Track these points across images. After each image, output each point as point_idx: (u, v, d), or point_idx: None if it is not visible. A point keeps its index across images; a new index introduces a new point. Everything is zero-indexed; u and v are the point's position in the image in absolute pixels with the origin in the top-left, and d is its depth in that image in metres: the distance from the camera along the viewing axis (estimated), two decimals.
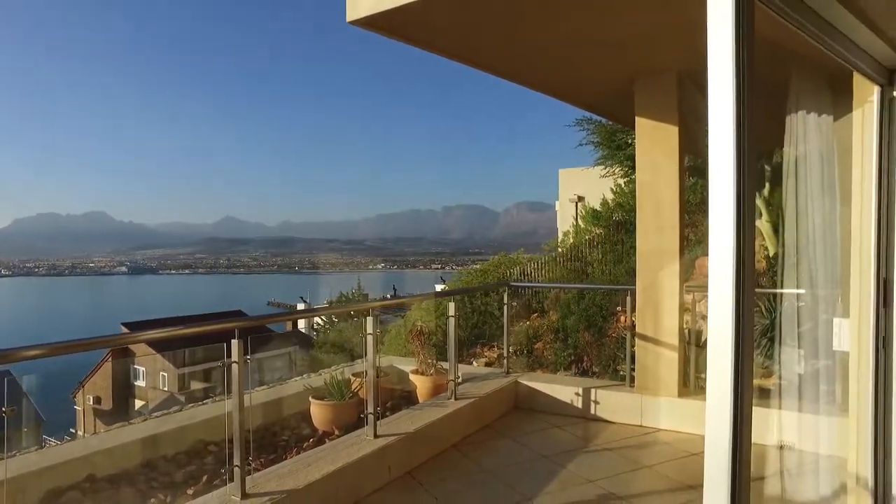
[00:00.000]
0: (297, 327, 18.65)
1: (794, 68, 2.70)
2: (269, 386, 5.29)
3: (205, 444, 4.17)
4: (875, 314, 2.50)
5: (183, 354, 22.71)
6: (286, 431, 4.48)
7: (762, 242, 9.67)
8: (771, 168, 9.36)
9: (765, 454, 3.74)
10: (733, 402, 1.42)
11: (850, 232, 2.66)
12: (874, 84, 2.47)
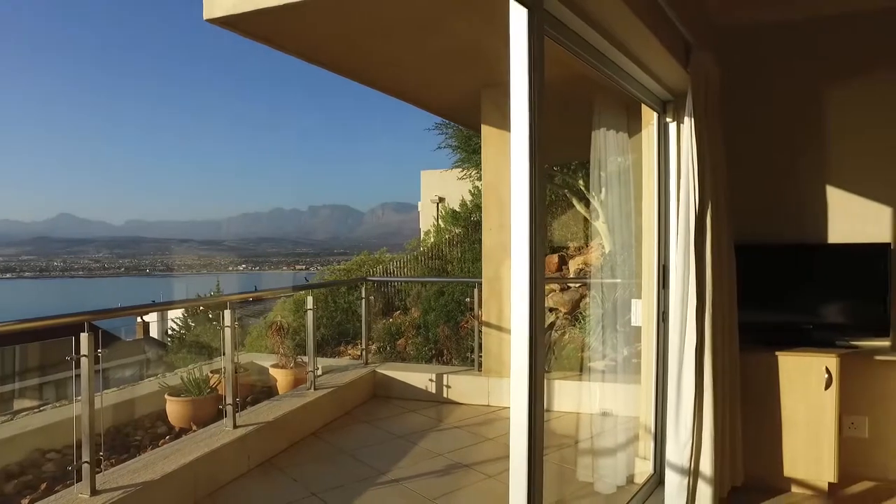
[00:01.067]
0: (148, 333, 17.36)
1: (599, 95, 3.26)
2: (120, 388, 5.08)
3: (43, 453, 3.97)
4: (657, 294, 3.12)
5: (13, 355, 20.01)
6: (140, 431, 4.37)
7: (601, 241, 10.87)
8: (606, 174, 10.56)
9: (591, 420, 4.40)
10: (529, 378, 1.79)
11: (641, 228, 3.28)
12: (654, 112, 3.08)
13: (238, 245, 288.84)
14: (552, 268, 9.33)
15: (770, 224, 3.47)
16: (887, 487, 3.24)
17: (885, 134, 3.32)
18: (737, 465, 3.08)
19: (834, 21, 3.36)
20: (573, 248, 9.52)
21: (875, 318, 3.20)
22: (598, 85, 3.07)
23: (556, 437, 4.32)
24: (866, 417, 3.33)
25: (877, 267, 3.20)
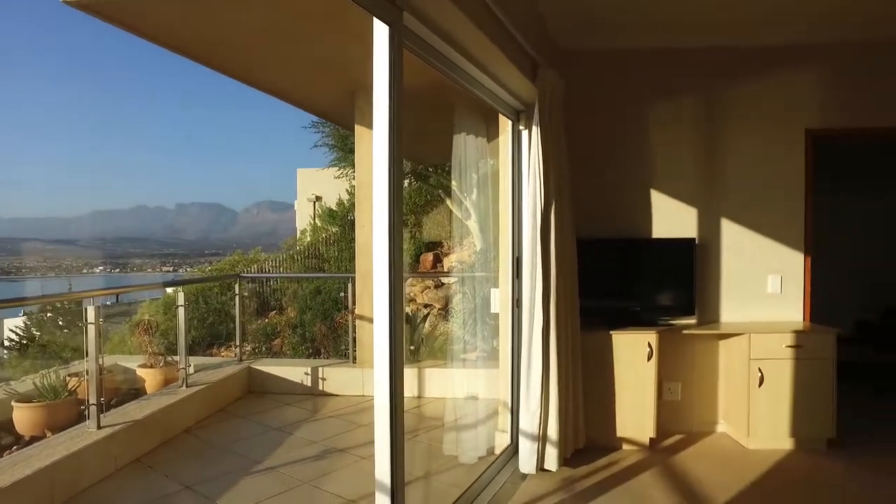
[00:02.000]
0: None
1: (460, 102, 3.59)
2: None
3: None
4: (512, 283, 3.50)
5: None
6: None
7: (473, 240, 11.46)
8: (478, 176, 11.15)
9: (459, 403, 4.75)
10: (390, 365, 2.02)
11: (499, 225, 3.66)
12: (509, 119, 3.46)
13: (94, 245, 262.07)
14: (427, 265, 9.71)
15: (608, 221, 4.01)
16: (691, 437, 3.91)
17: (687, 151, 3.99)
18: (579, 430, 3.54)
19: (653, 53, 3.97)
20: (448, 247, 9.96)
21: (685, 301, 3.84)
22: (460, 93, 3.40)
23: (426, 419, 4.63)
24: (679, 383, 3.98)
25: (686, 258, 3.83)
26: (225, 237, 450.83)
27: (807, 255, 3.97)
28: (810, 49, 3.94)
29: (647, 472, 3.35)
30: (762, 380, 3.58)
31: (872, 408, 4.62)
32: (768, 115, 3.95)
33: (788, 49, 3.95)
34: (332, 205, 13.06)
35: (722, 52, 3.97)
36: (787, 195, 3.96)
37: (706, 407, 4.02)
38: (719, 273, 3.98)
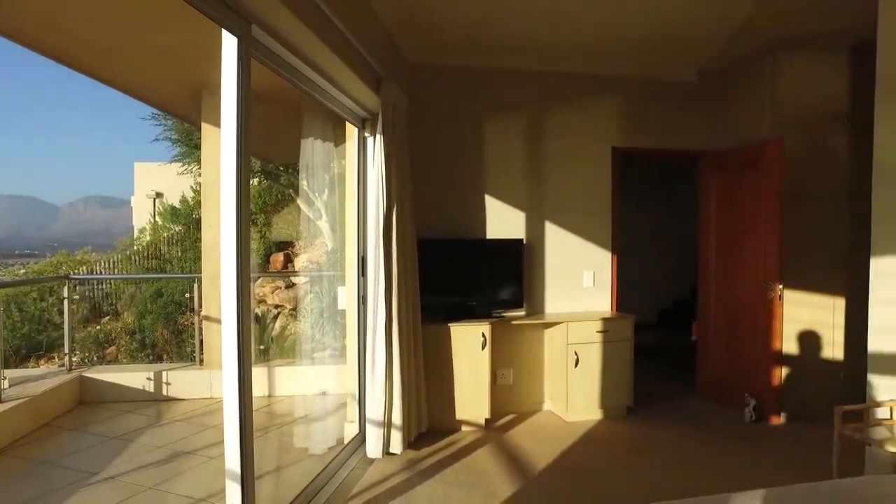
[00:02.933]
0: None
1: (308, 107, 3.73)
2: None
3: None
4: (357, 281, 3.72)
5: None
6: None
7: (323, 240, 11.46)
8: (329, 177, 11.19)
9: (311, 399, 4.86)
10: (238, 362, 2.14)
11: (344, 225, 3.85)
12: (355, 127, 3.67)
13: None
14: (278, 265, 9.57)
15: (449, 223, 4.38)
16: (522, 416, 4.42)
17: (517, 161, 4.50)
18: (422, 415, 3.86)
19: (491, 73, 4.43)
20: (299, 247, 9.90)
21: (515, 295, 4.32)
22: (308, 98, 3.54)
23: (278, 417, 4.68)
24: (511, 369, 4.47)
25: (516, 257, 4.32)
26: (43, 235, 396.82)
27: (613, 253, 4.66)
28: (614, 79, 4.64)
29: (483, 449, 3.75)
30: (577, 361, 4.16)
31: (663, 379, 5.51)
32: (583, 132, 4.58)
33: (599, 77, 4.61)
34: (175, 202, 12.29)
35: (547, 76, 4.53)
36: (598, 202, 4.63)
37: (534, 388, 4.56)
38: (544, 270, 4.53)
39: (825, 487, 1.79)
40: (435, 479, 3.27)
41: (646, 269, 8.40)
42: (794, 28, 4.00)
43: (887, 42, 2.97)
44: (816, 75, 4.26)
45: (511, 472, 3.37)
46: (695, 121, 4.79)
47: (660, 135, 4.74)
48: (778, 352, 4.16)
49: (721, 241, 4.69)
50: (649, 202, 8.48)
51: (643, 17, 3.81)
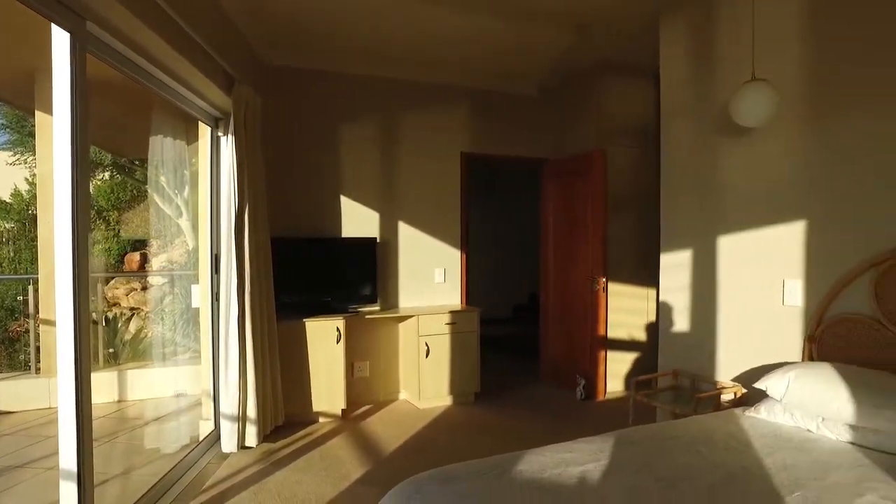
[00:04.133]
0: None
1: (157, 104, 3.69)
2: None
3: None
4: (211, 279, 3.74)
5: None
6: None
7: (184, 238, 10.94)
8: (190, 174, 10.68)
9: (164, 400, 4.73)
10: (76, 366, 2.13)
11: (198, 224, 3.84)
12: (208, 126, 3.69)
13: None
14: (134, 266, 9.02)
15: (306, 222, 4.51)
16: (378, 406, 4.65)
17: (372, 164, 4.74)
18: (278, 408, 3.95)
19: (347, 78, 4.61)
20: (157, 246, 9.39)
21: (370, 291, 4.55)
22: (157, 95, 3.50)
23: (130, 420, 4.51)
24: (368, 361, 4.69)
25: (370, 255, 4.55)
26: None
27: (463, 251, 5.05)
28: (464, 90, 5.03)
29: (338, 437, 3.93)
30: (428, 352, 4.48)
31: (512, 368, 6.03)
32: (434, 138, 4.92)
33: (449, 87, 4.97)
34: (5, 196, 11.04)
35: (400, 84, 4.80)
36: (449, 203, 4.99)
37: (390, 379, 4.82)
38: (398, 267, 4.81)
39: (611, 435, 2.20)
40: (289, 467, 3.40)
41: (503, 268, 9.03)
42: (610, 56, 4.62)
43: (667, 77, 3.59)
44: (631, 96, 4.94)
45: (364, 455, 3.59)
46: (537, 131, 5.32)
47: (506, 142, 5.21)
48: (603, 336, 4.78)
49: (558, 241, 5.26)
50: (509, 205, 9.13)
51: (486, 40, 4.22)
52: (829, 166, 2.70)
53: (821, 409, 2.26)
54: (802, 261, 2.82)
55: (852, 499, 1.67)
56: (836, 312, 2.67)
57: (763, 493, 1.72)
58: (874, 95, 2.52)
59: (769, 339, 2.98)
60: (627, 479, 1.80)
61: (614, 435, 2.23)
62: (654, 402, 3.22)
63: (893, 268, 2.44)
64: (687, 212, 3.46)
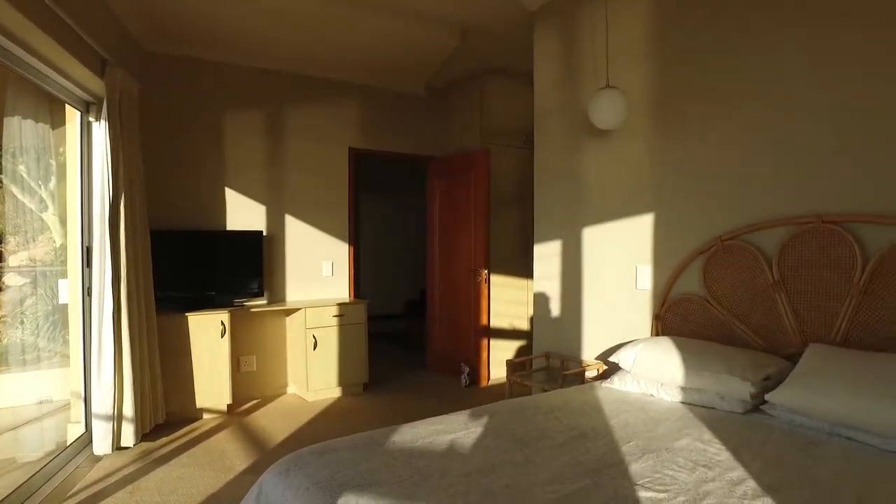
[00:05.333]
0: None
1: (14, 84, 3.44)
2: None
3: None
4: (82, 273, 3.55)
5: None
6: None
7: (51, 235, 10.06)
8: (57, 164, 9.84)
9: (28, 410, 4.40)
10: None
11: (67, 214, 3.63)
12: (77, 110, 3.50)
13: None
14: None
15: (189, 215, 4.38)
16: (266, 400, 4.63)
17: (259, 156, 4.70)
18: (158, 406, 3.82)
19: (233, 69, 4.54)
20: (15, 243, 8.57)
21: (256, 284, 4.51)
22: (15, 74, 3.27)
23: None
24: (255, 356, 4.65)
25: (256, 248, 4.51)
26: None
27: (350, 245, 5.13)
28: (352, 87, 5.11)
29: (224, 432, 3.88)
30: (316, 344, 4.51)
31: (402, 360, 6.19)
32: (322, 133, 4.96)
33: (338, 83, 5.03)
34: None
35: (289, 77, 4.80)
36: (337, 198, 5.05)
37: (278, 373, 4.79)
38: (285, 260, 4.80)
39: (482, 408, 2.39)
40: (170, 464, 3.32)
41: (396, 264, 9.18)
42: (494, 61, 4.91)
43: (540, 82, 3.91)
44: (513, 99, 5.26)
45: (250, 448, 3.58)
46: (425, 129, 5.51)
47: (394, 140, 5.35)
48: (486, 326, 5.05)
49: (443, 236, 5.48)
50: (402, 203, 9.28)
51: (374, 39, 4.34)
52: (670, 166, 3.09)
53: (659, 375, 2.60)
54: (651, 249, 3.20)
55: (672, 442, 1.98)
56: (676, 293, 3.07)
57: (605, 444, 1.98)
58: (703, 104, 2.93)
59: (626, 319, 3.35)
60: (490, 441, 2.00)
61: (484, 408, 2.44)
62: (527, 382, 3.49)
63: (715, 255, 2.86)
64: (557, 206, 3.78)
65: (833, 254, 2.44)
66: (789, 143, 2.60)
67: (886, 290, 2.28)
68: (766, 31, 2.69)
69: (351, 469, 1.75)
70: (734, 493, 1.60)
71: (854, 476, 1.70)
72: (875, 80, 2.33)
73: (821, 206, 2.49)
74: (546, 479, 1.69)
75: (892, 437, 1.88)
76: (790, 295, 2.58)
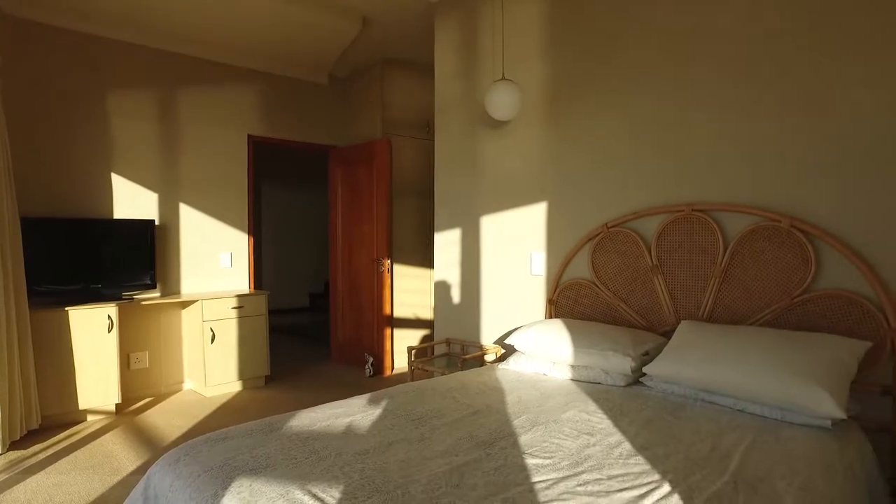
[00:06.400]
0: None
1: None
2: None
3: None
4: None
5: None
6: None
7: None
8: None
9: None
10: None
11: None
12: None
13: None
14: None
15: (70, 202, 4.06)
16: (160, 398, 4.40)
17: (151, 142, 4.44)
18: (32, 410, 3.53)
19: (116, 44, 4.25)
20: None
21: (148, 276, 4.27)
22: None
23: None
24: (147, 351, 4.40)
25: (147, 238, 4.27)
26: None
27: (250, 235, 4.98)
28: (252, 73, 4.94)
29: (111, 433, 3.65)
30: (214, 337, 4.35)
31: (306, 352, 6.10)
32: (220, 119, 4.77)
33: (237, 69, 4.85)
34: None
35: (182, 59, 4.56)
36: (236, 186, 4.88)
37: (173, 369, 4.57)
38: (179, 251, 4.57)
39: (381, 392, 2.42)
40: (46, 471, 3.09)
41: (301, 257, 8.99)
42: (394, 52, 4.94)
43: (440, 73, 3.99)
44: (415, 90, 5.31)
45: (141, 447, 3.40)
46: (327, 118, 5.44)
47: (296, 129, 5.24)
48: (389, 316, 5.08)
49: (346, 226, 5.45)
50: (307, 195, 9.09)
51: (274, 24, 4.22)
52: (562, 157, 3.27)
53: (551, 355, 2.76)
54: (545, 236, 3.37)
55: (560, 414, 2.12)
56: (568, 278, 3.25)
57: (498, 420, 2.08)
58: (592, 100, 3.13)
59: (522, 305, 3.50)
60: (388, 422, 2.04)
61: (384, 391, 2.48)
62: (428, 368, 3.57)
63: (602, 241, 3.07)
64: (457, 195, 3.88)
65: (701, 239, 2.69)
66: (667, 139, 2.84)
67: (740, 271, 2.55)
68: (643, 31, 2.91)
69: (246, 454, 1.73)
70: (612, 454, 1.75)
71: (710, 432, 1.91)
72: (734, 89, 2.59)
73: (692, 196, 2.74)
74: (440, 452, 1.75)
75: (741, 398, 2.12)
76: (666, 277, 2.82)
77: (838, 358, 2.02)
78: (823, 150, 2.33)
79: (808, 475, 1.61)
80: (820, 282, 2.34)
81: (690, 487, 1.51)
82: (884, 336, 2.16)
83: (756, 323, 2.49)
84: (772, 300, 2.46)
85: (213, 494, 1.52)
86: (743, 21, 2.56)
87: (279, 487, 1.52)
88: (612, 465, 1.67)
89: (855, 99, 2.25)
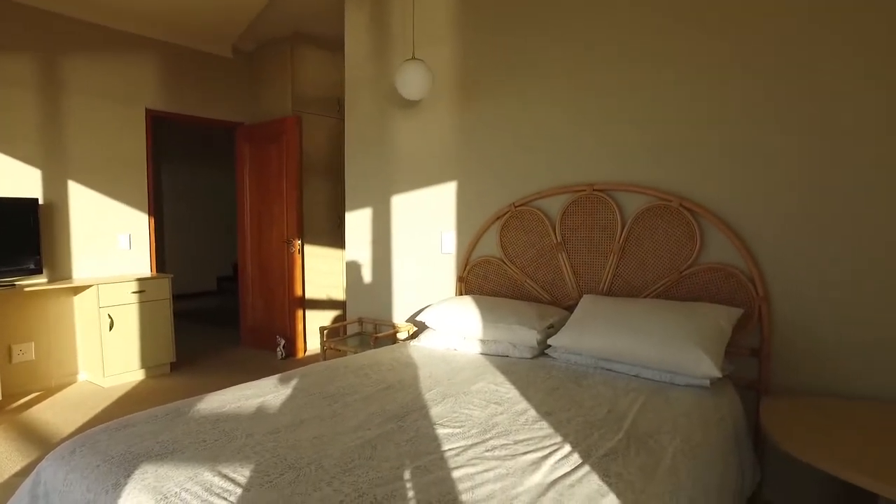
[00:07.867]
0: None
1: None
2: None
3: None
4: None
5: None
6: None
7: None
8: None
9: None
10: None
11: None
12: None
13: None
14: None
15: None
16: (50, 391, 4.11)
17: (29, 113, 4.07)
18: None
19: None
20: None
21: (32, 260, 3.95)
22: None
23: None
24: (33, 342, 4.08)
25: (30, 218, 3.93)
26: None
27: (150, 216, 4.71)
28: (149, 42, 4.63)
29: None
30: (112, 324, 4.11)
31: (214, 337, 5.89)
32: (114, 90, 4.44)
33: (130, 35, 4.52)
34: None
35: (68, 21, 4.18)
36: (133, 163, 4.58)
37: (66, 359, 4.27)
38: (70, 232, 4.25)
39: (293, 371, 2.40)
40: None
41: (209, 239, 8.59)
42: (304, 27, 4.79)
43: (351, 52, 3.93)
44: (326, 68, 5.20)
45: (26, 447, 3.17)
46: (232, 94, 5.21)
47: (199, 104, 4.98)
48: (300, 297, 5.00)
49: (255, 206, 5.28)
50: (214, 175, 8.65)
51: None
52: (471, 137, 3.34)
53: (462, 330, 2.84)
54: (455, 215, 3.44)
55: (469, 386, 2.20)
56: (477, 256, 3.35)
57: (410, 394, 2.13)
58: (499, 81, 3.20)
59: (433, 283, 3.57)
60: (299, 400, 2.04)
61: (295, 371, 2.46)
62: (341, 347, 3.56)
63: (510, 220, 3.18)
64: (368, 175, 3.86)
65: (601, 217, 2.86)
66: (569, 123, 2.97)
67: (636, 247, 2.74)
68: (545, 16, 3.01)
69: (150, 440, 1.68)
70: (518, 420, 1.85)
71: (607, 396, 2.06)
72: (630, 76, 2.75)
73: (594, 176, 2.89)
74: (352, 427, 1.78)
75: (636, 364, 2.30)
76: (570, 254, 2.97)
77: (716, 324, 2.24)
78: (707, 134, 2.54)
79: (688, 428, 1.78)
80: (704, 256, 2.56)
81: (589, 446, 1.64)
82: (753, 303, 2.41)
83: (650, 295, 2.69)
84: (664, 273, 2.66)
85: (113, 484, 1.46)
86: (639, 7, 2.71)
87: (187, 470, 1.49)
88: (518, 430, 1.77)
89: (734, 85, 2.46)
